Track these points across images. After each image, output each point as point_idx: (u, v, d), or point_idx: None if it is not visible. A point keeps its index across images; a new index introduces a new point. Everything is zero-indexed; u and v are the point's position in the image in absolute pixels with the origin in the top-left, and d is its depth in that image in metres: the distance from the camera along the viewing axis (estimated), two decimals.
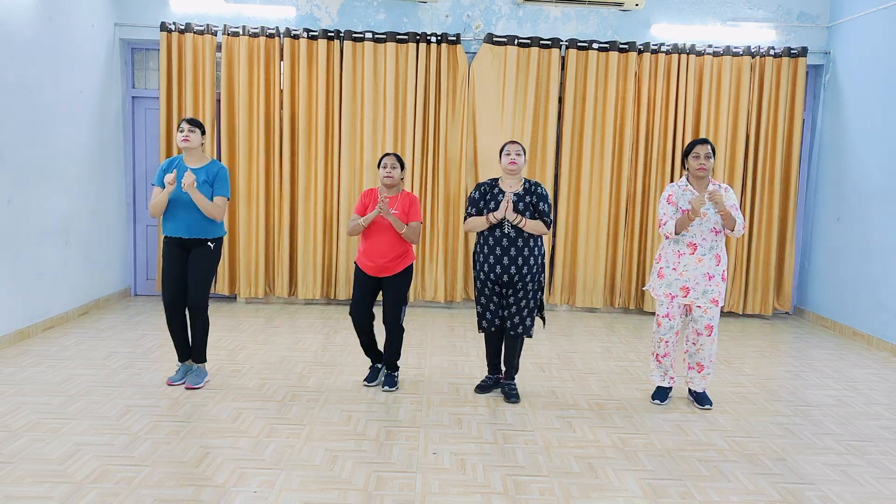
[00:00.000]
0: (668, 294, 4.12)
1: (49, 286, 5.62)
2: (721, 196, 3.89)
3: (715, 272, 4.05)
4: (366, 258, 4.25)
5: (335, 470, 3.21)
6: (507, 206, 3.99)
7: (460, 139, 6.75)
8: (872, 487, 3.23)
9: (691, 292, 4.06)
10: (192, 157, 4.21)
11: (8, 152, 5.05)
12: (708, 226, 4.02)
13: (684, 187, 4.09)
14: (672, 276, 4.10)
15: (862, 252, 6.21)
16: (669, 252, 4.13)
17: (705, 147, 4.02)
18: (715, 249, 4.05)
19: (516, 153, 4.12)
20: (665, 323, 4.17)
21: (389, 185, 4.25)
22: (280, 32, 6.63)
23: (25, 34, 5.21)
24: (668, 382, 4.32)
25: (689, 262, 4.05)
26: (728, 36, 6.84)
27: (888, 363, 5.44)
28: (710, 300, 4.05)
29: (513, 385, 4.30)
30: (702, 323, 4.09)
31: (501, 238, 4.08)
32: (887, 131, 5.94)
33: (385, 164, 4.24)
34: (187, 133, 4.14)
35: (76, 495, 2.89)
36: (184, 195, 4.08)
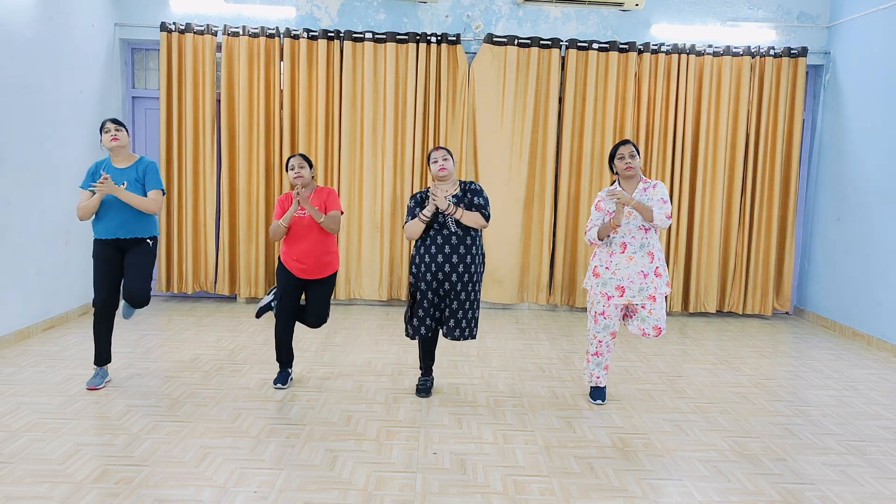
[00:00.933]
0: (604, 294, 4.08)
1: (49, 286, 5.62)
2: (621, 193, 3.86)
3: (648, 269, 4.01)
4: (295, 260, 4.22)
5: (335, 470, 3.21)
6: (433, 203, 3.98)
7: (460, 139, 6.75)
8: (872, 487, 3.23)
9: (627, 291, 4.02)
10: (119, 156, 4.14)
11: (8, 152, 5.05)
12: (636, 223, 4.00)
13: (612, 191, 4.03)
14: (606, 275, 4.08)
15: (862, 252, 6.21)
16: (602, 251, 4.12)
17: (628, 147, 4.04)
18: (646, 247, 4.02)
19: (443, 159, 4.11)
20: (601, 321, 4.14)
21: (302, 185, 4.22)
22: (280, 32, 6.63)
23: (25, 34, 5.21)
24: (598, 382, 4.30)
25: (620, 261, 4.03)
26: (728, 36, 6.84)
27: (888, 363, 5.44)
28: (647, 296, 4.00)
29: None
30: (649, 323, 4.04)
31: (450, 237, 4.05)
32: (887, 131, 5.94)
33: (293, 165, 4.21)
34: (114, 133, 4.07)
35: (76, 495, 2.89)
36: (114, 196, 4.00)
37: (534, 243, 6.92)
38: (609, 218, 4.00)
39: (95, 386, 4.18)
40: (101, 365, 4.30)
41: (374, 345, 5.49)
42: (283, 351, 4.39)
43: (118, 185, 4.02)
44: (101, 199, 4.00)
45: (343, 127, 6.71)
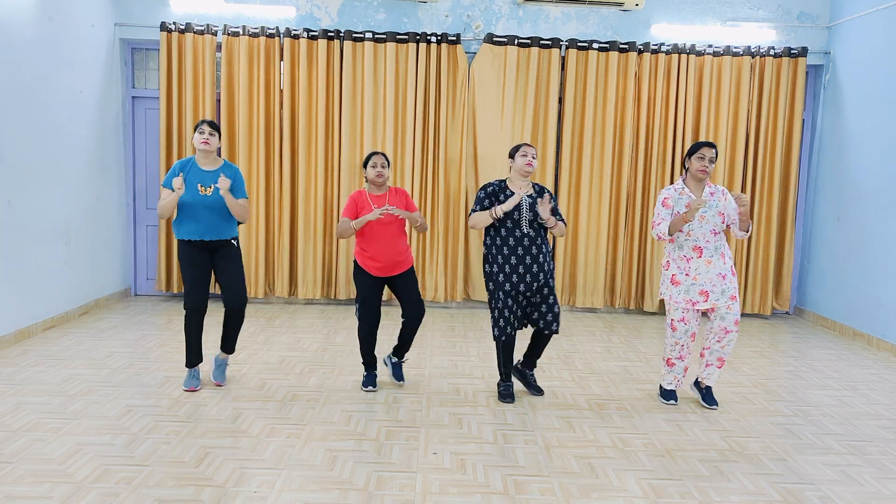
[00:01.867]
0: (688, 300, 4.06)
1: (49, 286, 5.62)
2: (746, 198, 3.87)
3: (725, 270, 4.05)
4: (375, 260, 4.20)
5: (335, 470, 3.21)
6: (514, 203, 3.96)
7: (460, 139, 6.75)
8: (872, 487, 3.23)
9: (711, 295, 4.03)
10: (207, 159, 4.17)
11: (8, 152, 5.05)
12: (707, 227, 4.01)
13: (681, 190, 4.08)
14: (687, 281, 4.06)
15: (862, 252, 6.21)
16: (677, 258, 4.11)
17: (711, 150, 4.00)
18: (720, 249, 4.05)
19: (533, 156, 4.12)
20: (681, 327, 4.13)
21: (381, 183, 4.23)
22: (280, 32, 6.63)
23: (25, 34, 5.21)
24: (676, 385, 4.31)
25: (699, 266, 4.04)
26: (728, 36, 6.84)
27: (888, 363, 5.44)
28: (730, 297, 4.04)
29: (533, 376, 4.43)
30: (730, 319, 4.06)
31: (523, 238, 4.07)
32: (887, 131, 5.94)
33: (375, 162, 4.21)
34: (207, 136, 4.10)
35: (76, 495, 2.89)
36: (201, 197, 4.05)
37: None
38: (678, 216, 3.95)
39: (193, 388, 4.23)
40: (192, 367, 4.32)
41: None
42: (369, 354, 4.38)
43: (205, 187, 4.06)
44: (178, 197, 4.00)
45: (343, 127, 6.71)
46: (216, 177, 4.12)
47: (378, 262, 4.20)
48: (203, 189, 4.04)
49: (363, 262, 4.24)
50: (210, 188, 4.07)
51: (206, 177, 4.11)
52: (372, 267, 4.22)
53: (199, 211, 4.07)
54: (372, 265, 4.22)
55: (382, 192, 4.26)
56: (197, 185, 4.06)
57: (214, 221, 4.11)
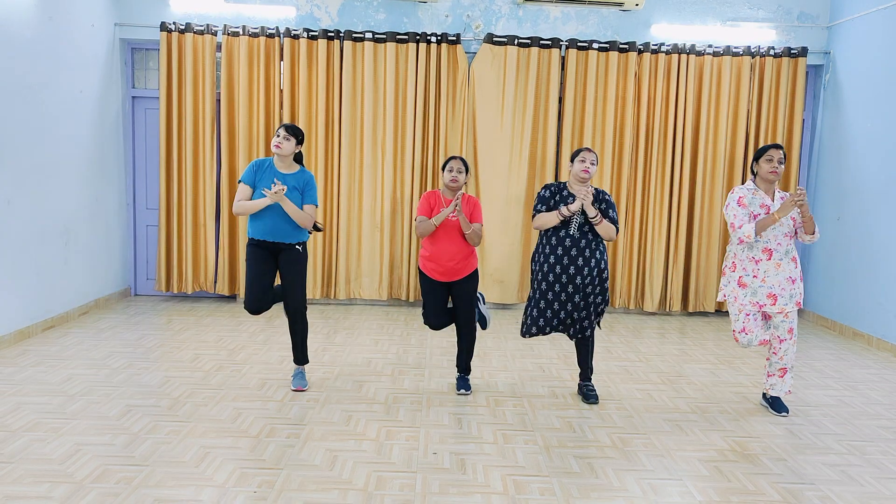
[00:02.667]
0: (754, 303, 4.01)
1: (49, 286, 5.62)
2: (802, 192, 3.80)
3: (795, 275, 4.00)
4: (433, 263, 4.20)
5: (335, 470, 3.21)
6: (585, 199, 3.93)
7: (460, 139, 6.75)
8: (872, 487, 3.23)
9: (779, 299, 3.97)
10: (283, 163, 4.17)
11: (8, 152, 5.05)
12: (783, 230, 3.95)
13: (753, 190, 4.02)
14: (755, 283, 4.01)
15: (862, 252, 6.21)
16: (745, 259, 4.03)
17: (779, 152, 3.96)
18: (791, 253, 4.00)
19: (591, 162, 4.07)
20: (742, 339, 4.09)
21: (454, 188, 4.22)
22: (280, 32, 6.63)
23: (25, 34, 5.21)
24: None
25: (768, 268, 3.98)
26: (728, 36, 6.84)
27: (888, 363, 5.44)
28: (795, 302, 4.00)
29: (590, 386, 4.33)
30: (784, 328, 4.03)
31: (564, 238, 4.05)
32: (887, 131, 5.94)
33: (451, 167, 4.21)
34: (281, 140, 4.09)
35: (76, 495, 2.89)
36: None
37: (534, 243, 6.91)
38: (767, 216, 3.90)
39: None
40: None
41: (374, 345, 5.49)
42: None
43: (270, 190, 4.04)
44: (267, 204, 4.02)
45: (343, 127, 6.71)
46: (290, 180, 4.12)
47: (435, 264, 4.21)
48: (273, 196, 3.99)
49: (423, 265, 4.28)
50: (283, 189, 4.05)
51: (281, 179, 4.11)
52: (431, 270, 4.23)
53: (266, 211, 4.08)
54: (431, 268, 4.23)
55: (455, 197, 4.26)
56: (270, 186, 4.06)
57: (279, 223, 4.10)
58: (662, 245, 6.87)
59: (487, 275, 6.83)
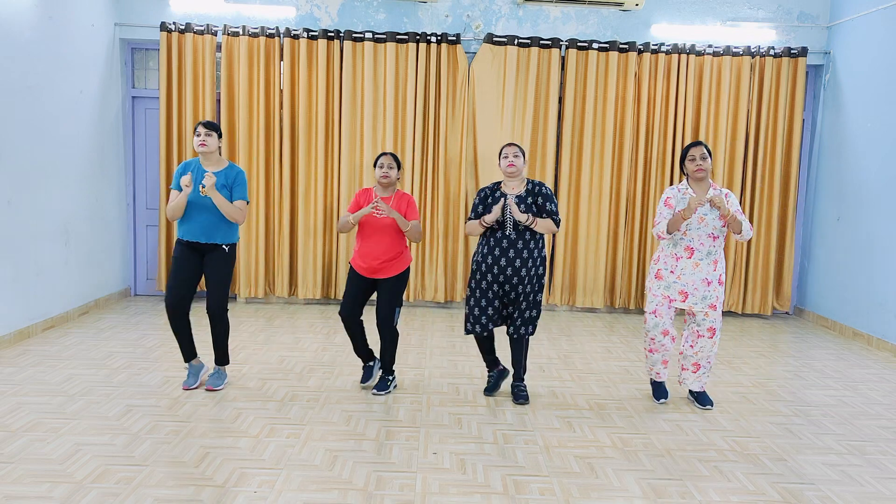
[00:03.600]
0: (666, 296, 4.11)
1: (49, 286, 5.62)
2: (722, 200, 3.88)
3: (712, 277, 4.04)
4: (361, 259, 4.21)
5: (335, 470, 3.21)
6: (499, 209, 3.97)
7: (460, 139, 6.75)
8: (872, 487, 3.23)
9: (689, 297, 4.05)
10: (209, 161, 4.16)
11: (8, 152, 5.05)
12: (706, 231, 4.00)
13: (684, 190, 4.08)
14: (670, 279, 4.09)
15: (862, 252, 6.21)
16: (667, 255, 4.13)
17: (700, 149, 4.01)
18: (713, 255, 4.04)
19: (514, 155, 4.09)
20: (651, 320, 4.15)
21: (386, 184, 4.22)
22: (280, 32, 6.63)
23: (25, 34, 5.21)
24: (657, 377, 4.32)
25: (686, 267, 4.05)
26: (728, 36, 6.84)
27: (888, 363, 5.44)
28: (709, 305, 4.04)
29: (522, 386, 4.28)
30: (704, 325, 4.08)
31: (502, 239, 4.06)
32: (887, 131, 5.94)
33: (382, 163, 4.20)
34: (203, 137, 4.08)
35: (76, 495, 2.89)
36: (201, 199, 4.04)
37: None
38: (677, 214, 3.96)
39: (188, 386, 4.22)
40: (188, 360, 4.32)
41: (374, 345, 5.48)
42: (357, 350, 4.41)
43: (204, 187, 4.01)
44: (187, 198, 4.00)
45: (343, 127, 6.71)
46: (220, 178, 4.11)
47: (363, 262, 4.20)
48: (203, 190, 4.01)
49: (353, 259, 4.28)
50: None
51: None
52: (360, 267, 4.23)
53: (195, 212, 4.07)
54: (358, 263, 4.23)
55: (388, 193, 4.26)
56: (199, 187, 4.04)
57: (209, 224, 4.09)
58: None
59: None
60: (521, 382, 4.30)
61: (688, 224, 4.00)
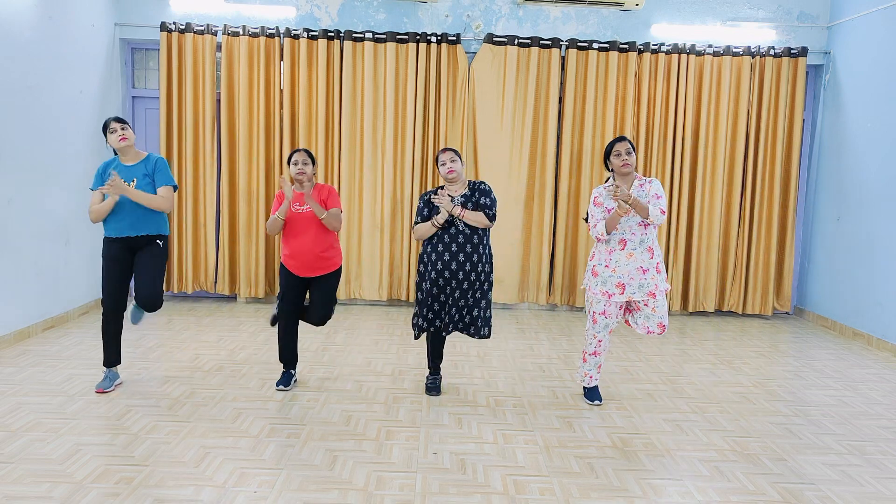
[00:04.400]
0: (605, 292, 4.06)
1: (49, 286, 5.62)
2: (619, 188, 3.84)
3: (648, 265, 4.00)
4: (292, 258, 4.19)
5: (335, 470, 3.21)
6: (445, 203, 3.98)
7: (460, 139, 6.75)
8: (872, 487, 3.23)
9: (627, 288, 4.01)
10: (127, 155, 4.08)
11: (8, 152, 5.05)
12: (636, 220, 3.98)
13: (608, 187, 4.06)
14: (605, 273, 4.06)
15: (862, 252, 6.21)
16: (601, 250, 4.11)
17: (624, 144, 4.01)
18: (646, 243, 4.01)
19: (451, 160, 4.10)
20: (601, 321, 4.12)
21: (302, 181, 4.20)
22: (280, 32, 6.63)
23: (25, 34, 5.21)
24: (590, 382, 4.29)
25: (620, 258, 4.02)
26: (728, 36, 6.84)
27: (888, 363, 5.44)
28: (647, 293, 3.99)
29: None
30: (654, 321, 4.02)
31: (457, 235, 4.05)
32: (887, 131, 5.94)
33: (296, 160, 4.18)
34: (121, 132, 4.00)
35: (76, 495, 2.89)
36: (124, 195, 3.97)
37: (534, 243, 6.92)
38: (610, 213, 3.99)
39: (104, 389, 4.14)
40: (110, 367, 4.24)
41: (374, 345, 5.49)
42: (286, 352, 4.37)
43: (128, 182, 3.99)
44: (116, 200, 3.93)
45: (343, 127, 6.71)
46: (137, 171, 4.04)
47: (294, 261, 4.18)
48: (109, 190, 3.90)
49: (284, 259, 4.25)
50: (133, 183, 3.99)
51: (127, 173, 4.04)
52: (292, 265, 4.21)
53: (122, 208, 3.99)
54: (290, 263, 4.21)
55: (308, 189, 4.23)
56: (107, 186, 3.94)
57: (138, 216, 4.01)
58: (662, 245, 6.87)
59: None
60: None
61: None
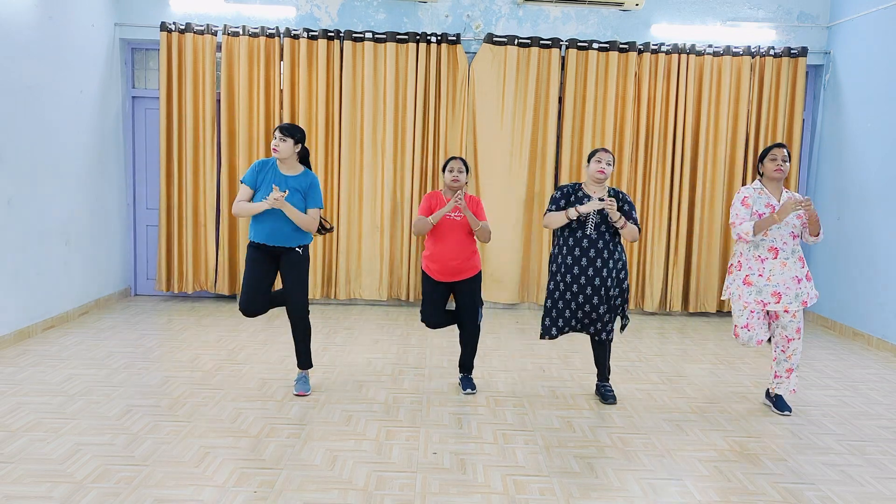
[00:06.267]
0: (759, 301, 4.02)
1: (49, 286, 5.62)
2: (811, 203, 3.84)
3: (801, 274, 4.01)
4: (435, 263, 4.21)
5: (335, 470, 3.21)
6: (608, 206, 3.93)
7: (460, 139, 6.75)
8: (872, 487, 3.23)
9: (783, 297, 3.99)
10: (285, 165, 4.11)
11: (8, 152, 5.05)
12: (787, 230, 3.97)
13: (759, 190, 4.06)
14: (760, 282, 4.02)
15: (862, 251, 6.21)
16: (751, 258, 4.05)
17: (782, 150, 4.00)
18: (797, 252, 4.02)
19: (607, 163, 4.07)
20: (743, 334, 4.10)
21: (455, 188, 4.22)
22: (280, 32, 6.63)
23: (25, 34, 5.21)
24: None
25: (774, 267, 3.99)
26: (728, 36, 6.84)
27: (889, 363, 5.44)
28: (802, 302, 4.01)
29: (608, 386, 4.32)
30: (792, 328, 4.04)
31: (582, 239, 4.05)
32: (887, 131, 5.94)
33: (451, 167, 4.22)
34: (277, 142, 4.02)
35: (76, 495, 2.89)
36: None
37: (534, 243, 6.92)
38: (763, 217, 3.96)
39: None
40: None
41: (374, 345, 5.49)
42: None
43: (280, 191, 3.96)
44: (267, 207, 3.95)
45: (343, 127, 6.71)
46: (293, 182, 4.06)
47: (437, 265, 4.21)
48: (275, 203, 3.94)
49: (425, 265, 4.29)
50: (285, 193, 3.97)
51: (284, 182, 4.05)
52: (433, 270, 4.24)
53: (266, 214, 4.02)
54: (432, 268, 4.24)
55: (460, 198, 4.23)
56: (273, 188, 3.98)
57: (280, 227, 4.04)
58: (663, 245, 6.87)
59: (487, 274, 6.83)
60: (607, 383, 4.35)
61: None
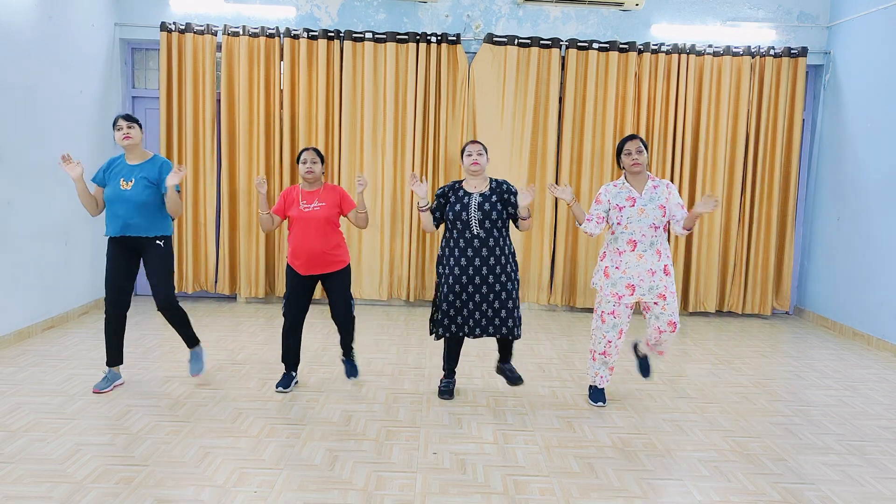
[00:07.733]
0: (614, 293, 4.04)
1: (49, 286, 5.62)
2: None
3: (656, 267, 3.98)
4: (297, 257, 4.16)
5: (335, 470, 3.21)
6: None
7: (460, 139, 6.75)
8: (872, 487, 3.23)
9: (637, 290, 3.99)
10: (133, 154, 4.07)
11: (8, 152, 5.05)
12: (647, 221, 3.96)
13: (621, 185, 4.05)
14: (616, 274, 4.03)
15: (862, 252, 6.21)
16: (612, 251, 4.09)
17: (636, 142, 3.98)
18: (655, 245, 4.00)
19: (478, 153, 4.05)
20: (609, 321, 4.09)
21: (311, 180, 4.18)
22: (280, 32, 6.63)
23: (25, 34, 5.21)
24: (601, 383, 4.26)
25: (629, 260, 4.00)
26: (728, 36, 6.84)
27: (888, 363, 5.44)
28: (658, 295, 3.98)
29: (513, 367, 4.24)
30: (664, 320, 4.02)
31: (472, 239, 4.00)
32: (887, 131, 5.94)
33: (305, 159, 4.17)
34: (126, 131, 3.99)
35: (76, 495, 2.89)
36: (120, 192, 3.96)
37: (534, 243, 6.92)
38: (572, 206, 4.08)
39: (100, 390, 4.13)
40: (111, 366, 4.25)
41: (374, 345, 5.49)
42: (289, 354, 4.35)
43: (127, 181, 3.97)
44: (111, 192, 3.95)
45: (343, 127, 6.71)
46: (140, 171, 4.02)
47: (299, 259, 4.17)
48: (124, 183, 3.94)
49: (290, 259, 4.24)
50: (131, 182, 3.98)
51: (130, 171, 4.02)
52: (295, 264, 4.19)
53: (118, 206, 3.99)
54: (295, 262, 4.19)
55: (315, 188, 4.22)
56: (119, 180, 3.97)
57: (133, 217, 4.00)
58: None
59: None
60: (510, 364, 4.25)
61: (628, 217, 3.96)
